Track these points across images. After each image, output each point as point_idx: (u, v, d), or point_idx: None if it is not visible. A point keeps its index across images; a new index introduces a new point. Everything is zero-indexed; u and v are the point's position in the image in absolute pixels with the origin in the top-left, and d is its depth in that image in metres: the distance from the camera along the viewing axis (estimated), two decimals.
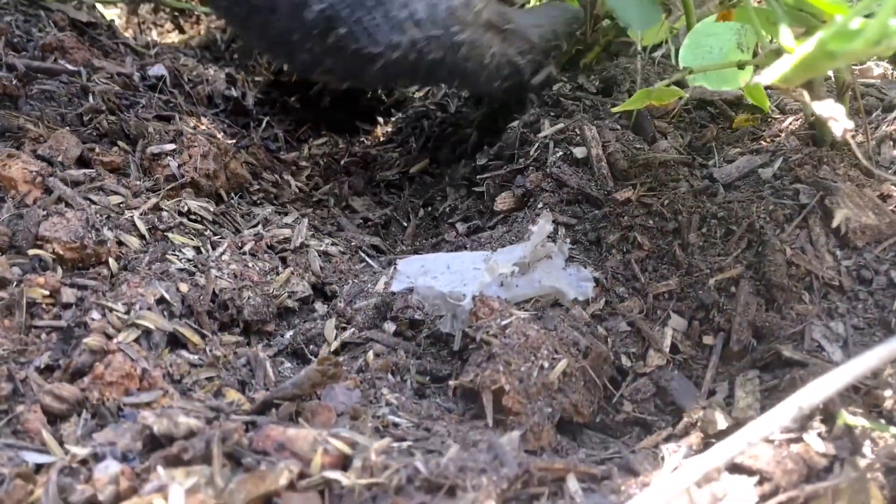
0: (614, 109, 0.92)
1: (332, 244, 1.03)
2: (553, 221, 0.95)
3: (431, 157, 1.26)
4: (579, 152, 1.01)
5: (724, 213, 0.87)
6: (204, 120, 1.43)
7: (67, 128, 1.10)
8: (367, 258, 1.06)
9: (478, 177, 1.15)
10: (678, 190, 0.93)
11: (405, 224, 1.17)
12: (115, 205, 0.94)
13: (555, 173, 1.00)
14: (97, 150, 1.03)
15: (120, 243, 0.89)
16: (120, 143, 1.13)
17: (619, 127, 1.05)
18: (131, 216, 0.93)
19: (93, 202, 0.92)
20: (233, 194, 1.13)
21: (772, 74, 0.55)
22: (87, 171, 0.98)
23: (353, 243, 1.08)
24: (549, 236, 0.86)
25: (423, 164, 1.27)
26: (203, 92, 1.57)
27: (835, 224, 0.81)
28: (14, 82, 1.18)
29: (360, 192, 1.25)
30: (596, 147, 0.99)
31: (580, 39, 1.12)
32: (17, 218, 0.87)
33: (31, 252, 0.83)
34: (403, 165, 1.28)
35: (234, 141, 1.36)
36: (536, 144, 1.06)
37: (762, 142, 0.99)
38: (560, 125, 1.06)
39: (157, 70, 1.50)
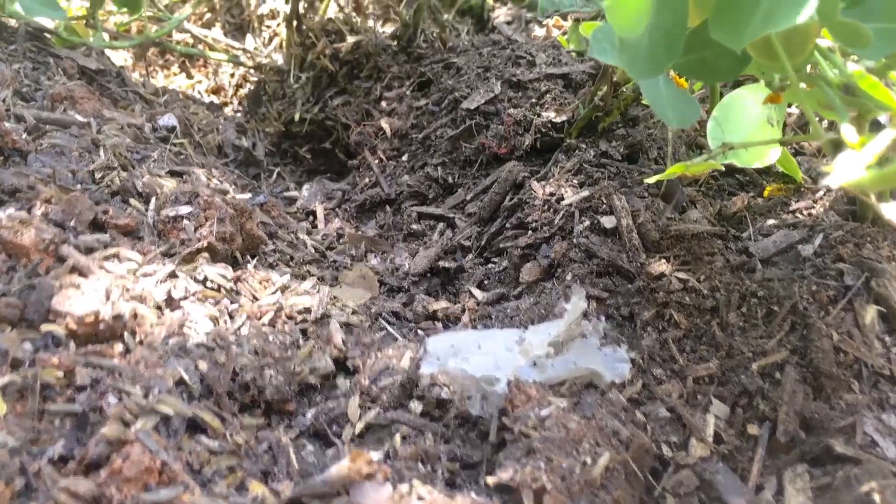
0: (648, 180, 0.89)
1: (353, 312, 1.00)
2: (585, 295, 0.92)
3: (448, 217, 1.23)
4: (608, 222, 0.98)
5: (765, 293, 0.84)
6: (215, 172, 1.40)
7: (79, 185, 1.07)
8: (387, 326, 1.03)
9: (500, 244, 1.12)
10: (714, 265, 0.90)
11: (424, 287, 1.13)
12: (129, 272, 0.90)
13: (583, 243, 0.97)
14: (111, 212, 0.99)
15: (136, 316, 0.85)
16: (132, 200, 1.10)
17: (647, 195, 1.02)
18: (147, 285, 0.89)
19: (107, 271, 0.88)
20: (248, 255, 1.10)
21: (842, 178, 0.52)
22: (100, 236, 0.94)
23: (372, 310, 1.05)
24: (583, 313, 0.82)
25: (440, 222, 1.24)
26: (213, 141, 1.55)
27: (881, 308, 0.79)
28: (24, 136, 1.15)
29: (377, 247, 1.22)
30: (626, 217, 0.97)
31: (598, 105, 1.10)
32: (29, 289, 0.83)
33: (45, 328, 0.79)
34: (417, 216, 1.25)
35: (248, 196, 1.33)
36: (562, 213, 1.03)
37: (798, 214, 0.96)
38: (585, 193, 1.03)
39: (168, 120, 1.47)
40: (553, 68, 1.26)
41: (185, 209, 1.04)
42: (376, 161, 1.32)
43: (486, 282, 1.10)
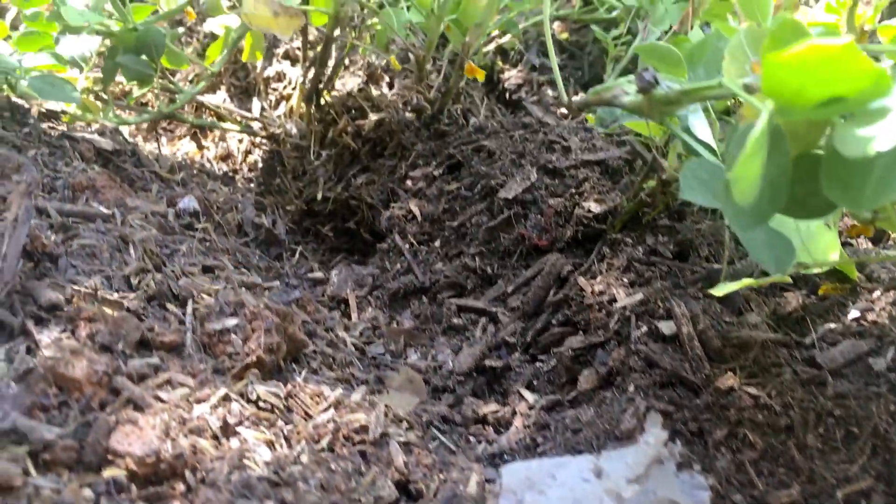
0: (714, 292, 0.87)
1: (408, 427, 0.97)
2: (648, 408, 0.90)
3: (486, 309, 1.21)
4: (666, 328, 0.97)
5: (841, 412, 0.83)
6: (240, 258, 1.38)
7: (116, 293, 1.04)
8: (440, 435, 1.00)
9: (547, 341, 1.10)
10: (783, 377, 0.88)
11: (470, 386, 1.11)
12: (183, 399, 0.87)
13: (642, 351, 0.95)
14: (156, 329, 0.96)
15: (195, 451, 0.82)
16: (169, 305, 1.07)
17: (701, 295, 1.01)
18: (202, 413, 0.86)
19: (162, 400, 0.85)
20: (290, 360, 1.07)
21: None
22: (150, 360, 0.91)
23: (423, 418, 1.02)
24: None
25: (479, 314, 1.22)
26: (233, 221, 1.52)
27: None
28: (52, 238, 1.12)
29: (416, 341, 1.20)
30: (686, 324, 0.95)
31: (644, 201, 1.08)
32: (84, 426, 0.80)
33: (106, 474, 0.76)
34: (458, 309, 1.22)
35: (274, 283, 1.30)
36: (616, 316, 1.01)
37: (862, 322, 0.95)
38: (640, 296, 1.01)
39: (188, 203, 1.45)
40: (589, 154, 1.25)
41: (230, 321, 1.01)
42: (407, 246, 1.29)
43: (535, 382, 1.08)
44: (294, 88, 2.08)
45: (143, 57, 1.58)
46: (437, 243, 1.29)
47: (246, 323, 1.01)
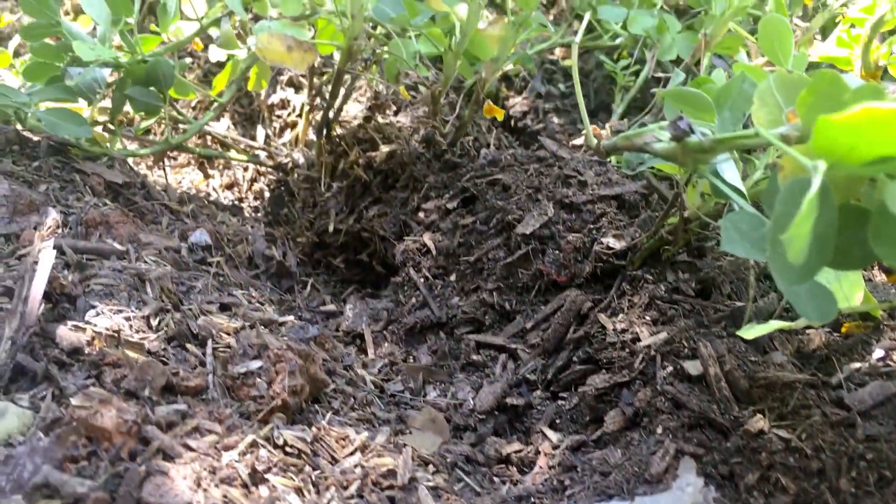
0: (743, 335, 0.88)
1: (434, 471, 0.97)
2: (677, 450, 0.90)
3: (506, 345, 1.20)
4: (692, 368, 0.97)
5: (873, 455, 0.83)
6: (254, 293, 1.37)
7: (137, 335, 1.03)
8: (465, 477, 1.00)
9: (568, 378, 1.10)
10: (812, 419, 0.88)
11: (491, 425, 1.10)
12: (211, 446, 0.86)
13: (669, 391, 0.95)
14: (181, 373, 0.96)
15: (226, 499, 0.81)
16: (189, 346, 1.07)
17: (726, 334, 1.01)
18: (231, 460, 0.85)
19: (191, 448, 0.84)
20: (311, 402, 1.07)
21: None
22: (177, 406, 0.90)
23: (448, 459, 1.01)
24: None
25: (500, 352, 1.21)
26: (244, 253, 1.51)
27: None
28: (70, 278, 1.11)
29: (434, 377, 1.19)
30: (713, 365, 0.95)
31: (665, 238, 1.09)
32: (115, 478, 0.79)
33: None
34: (476, 346, 1.22)
35: (292, 318, 1.29)
36: (641, 356, 1.01)
37: (889, 361, 0.95)
38: (664, 335, 1.01)
39: (200, 237, 1.44)
40: (605, 188, 1.25)
41: (254, 364, 1.00)
42: (422, 280, 1.29)
43: (557, 421, 1.08)
44: (299, 115, 2.08)
45: (152, 88, 1.57)
46: (453, 277, 1.28)
47: (270, 365, 1.00)
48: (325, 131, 1.54)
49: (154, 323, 1.08)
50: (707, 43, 1.32)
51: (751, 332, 0.87)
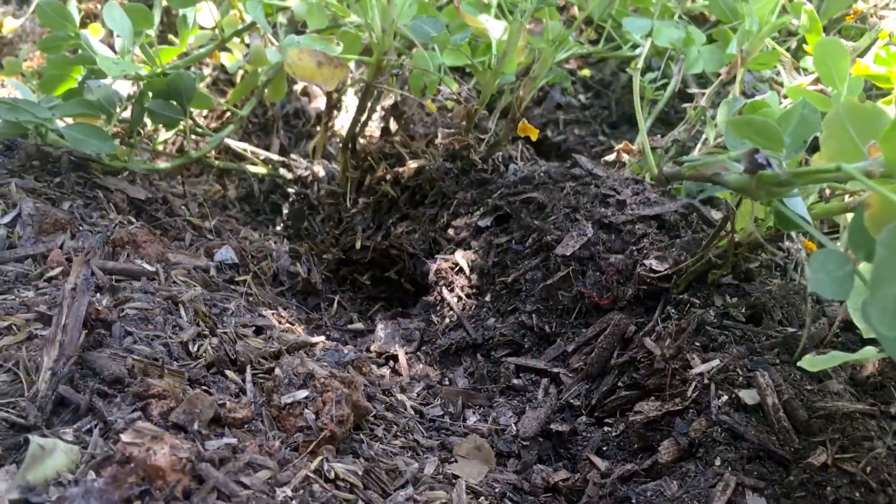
0: (806, 367, 0.86)
1: (486, 502, 0.95)
2: (738, 483, 0.88)
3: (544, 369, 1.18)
4: (748, 397, 0.95)
5: None
6: (284, 313, 1.35)
7: (176, 363, 1.00)
8: None
9: (613, 404, 1.08)
10: (875, 451, 0.87)
11: (535, 451, 1.08)
12: (265, 483, 0.84)
13: (725, 422, 0.94)
14: (227, 404, 0.93)
15: None
16: (229, 372, 1.04)
17: (779, 361, 0.99)
18: (285, 497, 0.83)
19: (245, 486, 0.82)
20: (353, 429, 1.04)
21: None
22: (227, 440, 0.88)
23: (496, 489, 0.99)
24: None
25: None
26: (269, 270, 1.49)
27: None
28: (104, 303, 1.08)
29: (473, 401, 1.17)
30: (771, 395, 0.93)
31: (712, 262, 1.07)
32: None
33: None
34: (516, 369, 1.20)
35: (324, 340, 1.27)
36: (693, 383, 0.99)
37: None
38: (717, 362, 1.00)
39: (226, 254, 1.42)
40: (645, 208, 1.23)
41: (300, 394, 0.98)
42: (455, 300, 1.27)
43: (604, 448, 1.06)
44: (314, 125, 2.06)
45: (173, 101, 1.54)
46: (488, 298, 1.26)
47: (317, 395, 0.98)
48: (350, 146, 1.52)
49: (193, 349, 1.05)
50: (743, 59, 1.30)
51: (813, 364, 0.85)
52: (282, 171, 1.74)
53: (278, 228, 1.75)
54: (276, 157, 1.78)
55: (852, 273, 0.67)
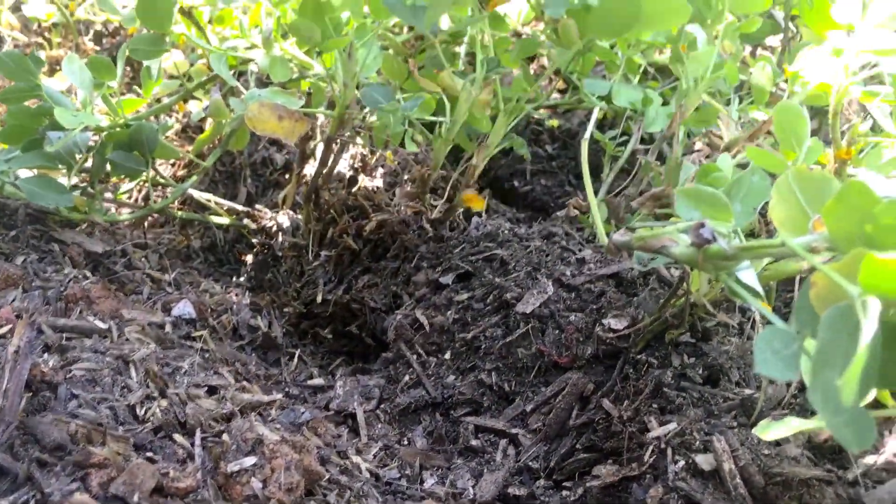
0: (762, 435, 0.84)
1: None
2: None
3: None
4: (705, 463, 0.94)
5: None
6: (241, 368, 1.32)
7: (121, 427, 0.98)
8: None
9: (572, 466, 1.06)
10: None
11: None
12: None
13: (682, 489, 0.92)
14: (171, 473, 0.91)
15: None
16: (177, 436, 1.02)
17: (736, 424, 0.98)
18: None
19: None
20: (304, 495, 1.02)
21: None
22: None
23: None
24: None
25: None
26: (229, 324, 1.47)
27: None
28: (51, 364, 1.06)
29: (431, 462, 1.15)
30: (728, 461, 0.92)
31: (669, 321, 1.06)
32: None
33: None
34: (475, 430, 1.18)
35: (280, 398, 1.25)
36: (650, 447, 0.98)
37: None
38: (674, 425, 0.98)
39: (184, 309, 1.40)
40: (603, 267, 1.22)
41: (248, 461, 0.95)
42: (415, 357, 1.25)
43: None
44: (282, 174, 2.05)
45: (135, 152, 1.53)
46: (448, 355, 1.25)
47: (265, 462, 0.96)
48: (313, 198, 1.51)
49: (140, 413, 1.03)
50: (682, 114, 1.31)
51: (769, 431, 0.84)
52: (246, 221, 1.73)
53: (241, 279, 1.73)
54: (240, 207, 1.76)
55: (800, 351, 0.66)
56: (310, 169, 1.89)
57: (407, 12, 1.16)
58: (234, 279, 1.76)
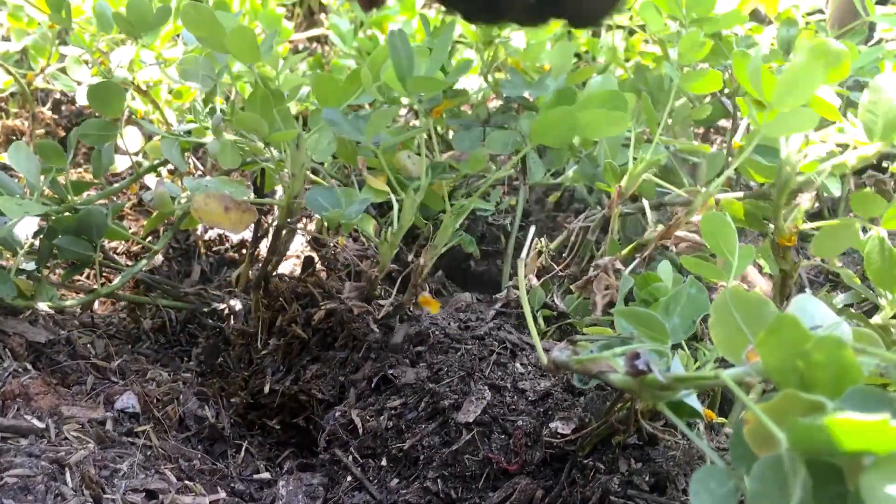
0: None
1: None
2: None
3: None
4: None
5: None
6: (184, 465, 1.29)
7: None
8: None
9: None
10: None
11: None
12: None
13: None
14: None
15: None
16: None
17: None
18: None
19: None
20: None
21: None
22: None
23: None
24: None
25: None
26: (174, 415, 1.43)
27: None
28: None
29: None
30: None
31: (615, 426, 1.06)
32: None
33: None
34: None
35: (224, 497, 1.22)
36: None
37: None
38: None
39: (127, 401, 1.37)
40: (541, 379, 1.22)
41: None
42: (350, 459, 1.24)
43: None
44: (236, 251, 2.04)
45: (83, 237, 1.51)
46: (384, 462, 1.22)
47: None
48: (262, 285, 1.50)
49: None
50: (621, 195, 1.34)
51: None
52: (197, 304, 1.71)
53: (191, 364, 1.70)
54: (190, 289, 1.74)
55: (735, 490, 0.66)
56: (264, 247, 1.88)
57: (348, 126, 1.17)
58: (185, 362, 1.73)
